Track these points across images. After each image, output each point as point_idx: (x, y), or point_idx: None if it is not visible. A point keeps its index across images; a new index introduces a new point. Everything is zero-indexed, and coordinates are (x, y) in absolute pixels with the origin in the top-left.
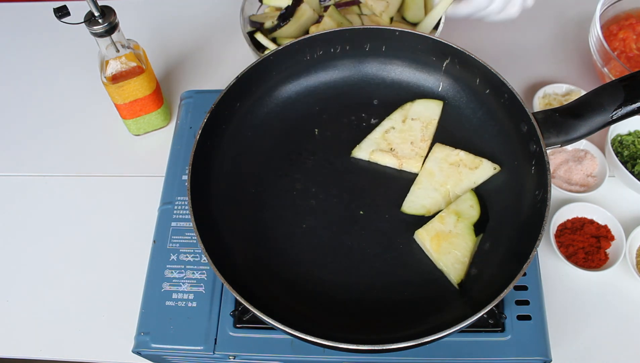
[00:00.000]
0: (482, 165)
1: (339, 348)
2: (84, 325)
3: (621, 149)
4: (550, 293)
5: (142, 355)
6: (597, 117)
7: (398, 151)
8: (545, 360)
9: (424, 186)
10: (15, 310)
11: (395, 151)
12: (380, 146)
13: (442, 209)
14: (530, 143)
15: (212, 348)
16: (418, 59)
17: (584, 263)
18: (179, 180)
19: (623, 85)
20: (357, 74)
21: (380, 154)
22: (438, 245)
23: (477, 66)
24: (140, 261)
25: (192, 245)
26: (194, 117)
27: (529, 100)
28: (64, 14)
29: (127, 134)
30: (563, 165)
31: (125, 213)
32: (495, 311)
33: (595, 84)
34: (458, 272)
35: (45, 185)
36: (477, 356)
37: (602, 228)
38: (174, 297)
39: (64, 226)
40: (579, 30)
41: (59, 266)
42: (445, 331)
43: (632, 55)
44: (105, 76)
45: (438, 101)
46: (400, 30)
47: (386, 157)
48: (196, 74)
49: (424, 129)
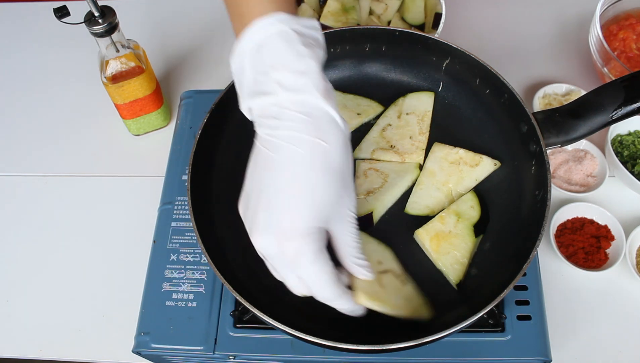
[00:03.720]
0: (482, 162)
1: (339, 348)
2: (84, 325)
3: (621, 149)
4: (550, 293)
5: (142, 355)
6: (597, 117)
7: (399, 148)
8: (545, 360)
9: (426, 186)
10: (15, 310)
11: (396, 148)
12: (380, 145)
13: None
14: (530, 143)
15: (212, 348)
16: (418, 59)
17: (584, 263)
18: (179, 180)
19: (623, 85)
20: (357, 74)
21: (381, 152)
22: (437, 245)
23: (477, 66)
24: (140, 261)
25: (192, 245)
26: (194, 117)
27: (529, 100)
28: (64, 14)
29: (127, 134)
30: (563, 165)
31: (125, 213)
32: (495, 311)
33: (595, 84)
34: (457, 273)
35: (45, 185)
36: (477, 356)
37: (602, 228)
38: (174, 297)
39: (64, 226)
40: (579, 30)
41: (59, 266)
42: (445, 331)
43: (632, 55)
44: (105, 76)
45: (429, 92)
46: (400, 30)
47: (387, 154)
48: (196, 74)
49: (420, 122)
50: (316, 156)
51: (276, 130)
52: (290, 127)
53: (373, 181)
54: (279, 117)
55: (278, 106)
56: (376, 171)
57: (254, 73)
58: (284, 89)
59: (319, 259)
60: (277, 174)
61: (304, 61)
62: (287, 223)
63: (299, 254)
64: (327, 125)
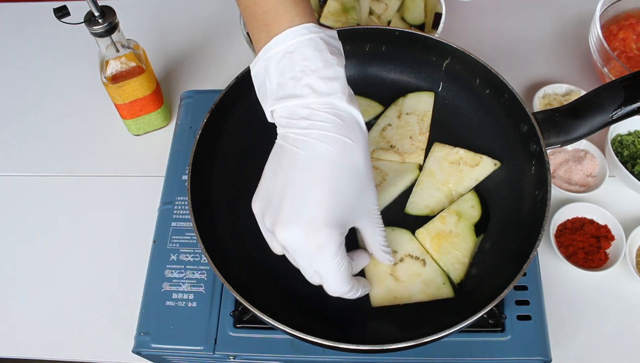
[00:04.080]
0: (482, 162)
1: (339, 348)
2: (84, 325)
3: (621, 149)
4: (550, 293)
5: (142, 355)
6: (597, 117)
7: (399, 148)
8: (545, 360)
9: (426, 186)
10: (15, 310)
11: (396, 148)
12: (380, 145)
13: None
14: (530, 143)
15: (212, 348)
16: (418, 59)
17: (584, 263)
18: (179, 180)
19: (623, 85)
20: (357, 74)
21: (381, 152)
22: (438, 244)
23: (477, 65)
24: (140, 261)
25: (192, 245)
26: (194, 117)
27: (529, 100)
28: (64, 14)
29: (127, 134)
30: (563, 165)
31: (125, 213)
32: (495, 311)
33: (595, 84)
34: (458, 272)
35: (45, 185)
36: (477, 356)
37: (602, 228)
38: (174, 297)
39: (64, 226)
40: (579, 30)
41: (59, 266)
42: (445, 331)
43: (632, 55)
44: (105, 76)
45: (429, 92)
46: (400, 30)
47: (388, 154)
48: (196, 74)
49: (420, 122)
50: (344, 154)
51: (307, 129)
52: (321, 127)
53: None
54: (310, 118)
55: (309, 108)
56: (376, 169)
57: (280, 77)
58: (315, 92)
59: (340, 253)
60: (306, 169)
61: (332, 67)
62: (316, 216)
63: (323, 246)
64: (353, 126)
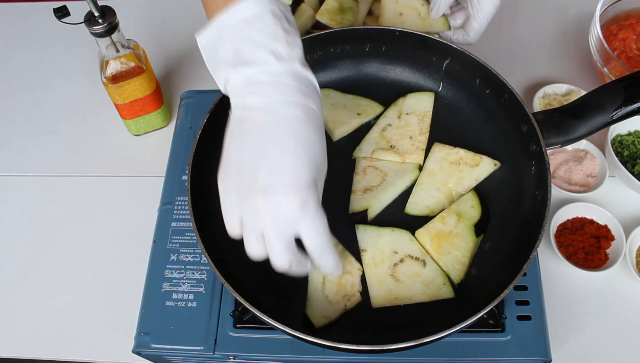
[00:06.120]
0: (482, 162)
1: (339, 348)
2: (84, 325)
3: (621, 149)
4: (550, 293)
5: (142, 355)
6: (597, 118)
7: (399, 148)
8: (545, 360)
9: (426, 187)
10: (15, 310)
11: (396, 148)
12: (380, 145)
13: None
14: (530, 143)
15: (212, 348)
16: (418, 59)
17: (584, 263)
18: (179, 180)
19: (623, 85)
20: (357, 74)
21: (381, 152)
22: (438, 245)
23: (477, 66)
24: (140, 261)
25: (192, 245)
26: (194, 117)
27: (529, 100)
28: (64, 14)
29: (127, 134)
30: (563, 165)
31: (125, 213)
32: (495, 311)
33: (595, 84)
34: (458, 272)
35: (45, 185)
36: (477, 356)
37: (602, 228)
38: (174, 297)
39: (64, 226)
40: (579, 31)
41: (59, 266)
42: (445, 331)
43: (632, 55)
44: (105, 76)
45: (430, 92)
46: (400, 30)
47: (388, 154)
48: (196, 74)
49: (420, 122)
50: (309, 117)
51: (268, 97)
52: (284, 92)
53: (371, 179)
54: (271, 84)
55: (269, 75)
56: (375, 169)
57: (237, 45)
58: (277, 59)
59: (320, 208)
60: (276, 135)
61: (291, 35)
62: (294, 178)
63: (306, 204)
64: (312, 91)
